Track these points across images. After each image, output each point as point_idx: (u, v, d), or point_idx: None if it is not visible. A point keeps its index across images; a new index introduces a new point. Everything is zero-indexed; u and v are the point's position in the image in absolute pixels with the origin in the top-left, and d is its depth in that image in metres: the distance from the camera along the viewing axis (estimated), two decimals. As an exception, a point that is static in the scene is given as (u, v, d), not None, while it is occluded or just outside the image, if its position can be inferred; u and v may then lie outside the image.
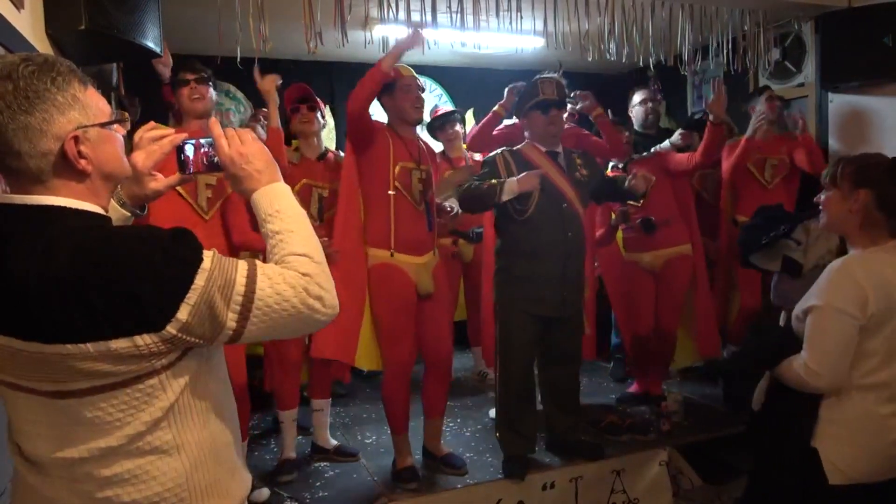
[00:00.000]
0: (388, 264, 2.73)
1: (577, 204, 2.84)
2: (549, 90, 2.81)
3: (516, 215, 2.75)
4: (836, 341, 1.72)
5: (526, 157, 2.84)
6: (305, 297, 1.06)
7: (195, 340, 1.02)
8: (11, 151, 0.99)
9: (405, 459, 2.84)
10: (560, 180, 2.81)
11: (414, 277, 2.75)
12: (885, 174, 1.75)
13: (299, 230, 1.13)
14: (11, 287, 0.96)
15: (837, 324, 1.71)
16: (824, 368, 1.72)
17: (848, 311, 1.69)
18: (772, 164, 3.74)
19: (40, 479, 1.08)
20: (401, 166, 2.75)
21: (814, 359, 1.74)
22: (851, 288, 1.70)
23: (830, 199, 1.84)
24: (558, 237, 2.77)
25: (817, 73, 3.94)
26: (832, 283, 1.74)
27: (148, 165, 1.24)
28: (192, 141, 1.21)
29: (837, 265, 1.76)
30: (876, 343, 1.72)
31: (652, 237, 3.55)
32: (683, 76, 4.55)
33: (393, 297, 2.73)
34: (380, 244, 2.74)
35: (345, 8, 3.04)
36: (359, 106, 2.61)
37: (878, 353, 1.73)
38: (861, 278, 1.70)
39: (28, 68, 0.99)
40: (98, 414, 1.02)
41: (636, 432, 3.21)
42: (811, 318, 1.76)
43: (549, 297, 2.78)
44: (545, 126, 2.82)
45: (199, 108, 2.57)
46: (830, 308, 1.71)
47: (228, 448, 1.17)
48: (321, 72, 5.17)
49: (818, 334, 1.75)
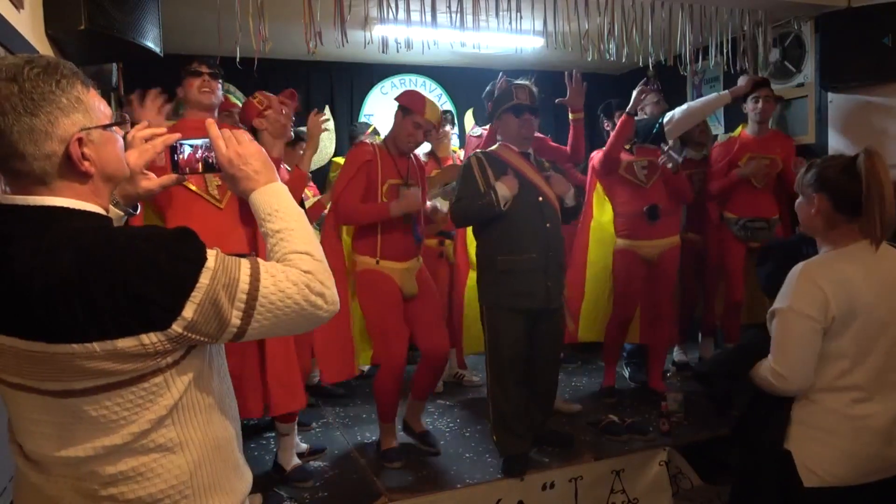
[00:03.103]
0: (374, 270, 2.91)
1: (552, 198, 2.92)
2: (523, 96, 2.93)
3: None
4: (798, 344, 1.74)
5: (499, 157, 2.92)
6: (308, 293, 1.08)
7: (200, 338, 1.03)
8: (16, 153, 1.00)
9: (390, 442, 3.02)
10: (534, 176, 2.91)
11: (398, 281, 2.93)
12: (839, 176, 1.76)
13: (299, 228, 1.15)
14: (15, 287, 0.97)
15: (799, 327, 1.73)
16: (789, 371, 1.74)
17: (809, 315, 1.71)
18: (763, 163, 3.76)
19: (43, 479, 1.08)
20: (389, 184, 2.91)
21: (778, 361, 1.76)
22: (812, 291, 1.71)
23: (799, 205, 1.88)
24: (538, 229, 2.85)
25: (817, 73, 3.94)
26: (794, 287, 1.75)
27: (140, 164, 1.24)
28: (189, 142, 1.21)
29: (799, 269, 1.77)
30: (843, 344, 1.73)
31: (653, 226, 3.57)
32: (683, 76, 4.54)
33: (380, 299, 2.90)
34: (367, 252, 2.93)
35: (345, 8, 3.04)
36: (352, 221, 2.94)
37: (847, 355, 1.73)
38: (821, 281, 1.71)
39: (33, 71, 0.99)
40: (103, 412, 1.02)
41: (636, 432, 3.21)
42: (775, 321, 1.78)
43: (534, 289, 2.83)
44: (518, 129, 2.92)
45: (206, 101, 2.59)
46: (792, 311, 1.73)
47: (231, 445, 1.18)
48: (321, 72, 5.17)
49: (782, 337, 1.77)
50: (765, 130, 3.84)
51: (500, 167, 2.85)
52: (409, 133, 2.90)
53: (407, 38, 3.39)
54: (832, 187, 1.76)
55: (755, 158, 3.75)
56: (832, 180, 1.77)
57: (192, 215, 2.44)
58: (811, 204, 1.81)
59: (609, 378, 3.83)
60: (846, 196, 1.73)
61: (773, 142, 3.84)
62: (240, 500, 1.19)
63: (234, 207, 2.59)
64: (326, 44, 3.10)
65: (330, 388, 3.94)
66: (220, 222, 2.55)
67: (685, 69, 3.91)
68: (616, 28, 3.60)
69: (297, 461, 2.89)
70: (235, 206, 2.60)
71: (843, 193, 1.74)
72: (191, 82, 2.58)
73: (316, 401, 3.81)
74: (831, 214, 1.77)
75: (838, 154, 1.85)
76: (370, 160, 2.88)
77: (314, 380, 3.96)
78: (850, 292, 1.70)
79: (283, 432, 2.85)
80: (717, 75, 4.93)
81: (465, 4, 3.33)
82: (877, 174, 1.68)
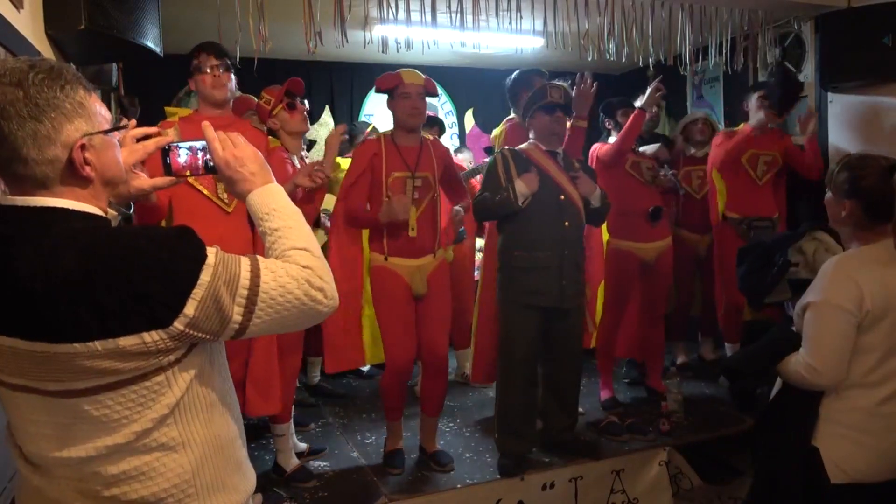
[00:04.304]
0: (384, 267, 2.82)
1: (575, 197, 2.90)
2: (557, 95, 2.92)
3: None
4: (833, 338, 1.72)
5: (525, 154, 2.93)
6: (308, 288, 1.09)
7: (202, 335, 1.03)
8: (19, 157, 1.00)
9: (395, 442, 2.98)
10: (557, 174, 2.90)
11: (407, 279, 2.83)
12: (873, 185, 1.76)
13: (297, 226, 1.16)
14: (16, 288, 0.97)
15: (834, 320, 1.72)
16: (823, 365, 1.73)
17: (844, 308, 1.70)
18: (765, 160, 3.76)
19: (45, 482, 1.09)
20: (394, 177, 2.80)
21: (812, 355, 1.75)
22: (847, 284, 1.71)
23: (828, 200, 1.87)
24: (556, 227, 2.84)
25: (817, 73, 3.94)
26: (829, 280, 1.74)
27: (129, 163, 1.24)
28: (186, 144, 1.22)
29: (834, 262, 1.77)
30: (874, 339, 1.72)
31: (653, 227, 3.56)
32: (683, 76, 4.55)
33: (388, 297, 2.82)
34: (376, 249, 2.85)
35: (344, 8, 3.04)
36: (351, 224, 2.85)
37: (877, 350, 1.73)
38: (857, 275, 1.71)
39: (38, 76, 1.00)
40: (105, 412, 1.03)
41: (636, 432, 3.21)
42: (809, 314, 1.77)
43: (548, 286, 2.82)
44: (549, 126, 2.91)
45: (219, 96, 2.54)
46: (827, 304, 1.72)
47: (233, 443, 1.19)
48: (321, 72, 5.17)
49: (816, 331, 1.75)
50: (766, 129, 3.82)
51: (524, 164, 2.86)
52: (405, 108, 2.78)
53: (407, 38, 3.40)
54: (866, 196, 1.76)
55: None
56: (867, 190, 1.76)
57: (200, 218, 2.39)
58: (841, 206, 1.80)
59: (608, 388, 3.67)
60: (880, 204, 1.74)
61: (774, 139, 3.82)
62: (243, 498, 1.19)
63: (243, 211, 2.55)
64: (326, 44, 3.09)
65: (330, 388, 3.94)
66: (227, 226, 2.53)
67: (685, 69, 3.91)
68: (616, 28, 3.60)
69: (296, 461, 2.88)
70: (244, 210, 2.56)
71: (877, 201, 1.74)
72: (202, 78, 2.52)
73: (316, 401, 3.81)
74: (862, 219, 1.78)
75: (872, 156, 1.83)
76: (376, 153, 2.80)
77: (315, 380, 3.96)
78: (885, 287, 1.70)
79: (276, 433, 2.84)
80: (716, 75, 4.94)
81: (465, 4, 3.33)
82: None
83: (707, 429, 3.29)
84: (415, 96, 2.78)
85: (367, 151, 2.83)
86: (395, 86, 2.78)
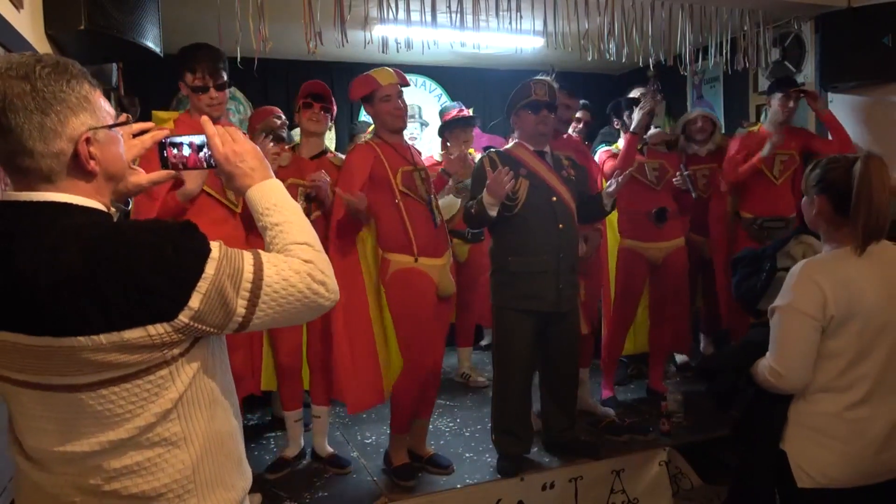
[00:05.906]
0: (413, 269, 2.70)
1: (567, 198, 2.86)
2: (541, 92, 2.84)
3: (505, 211, 2.75)
4: (796, 342, 1.74)
5: (512, 155, 2.86)
6: (310, 281, 1.10)
7: (206, 328, 1.04)
8: (25, 150, 1.01)
9: (402, 458, 2.87)
10: (548, 175, 2.85)
11: (436, 279, 2.76)
12: (839, 177, 1.75)
13: (297, 221, 1.17)
14: (19, 283, 0.97)
15: (798, 325, 1.73)
16: (786, 369, 1.74)
17: (807, 313, 1.71)
18: (781, 159, 3.69)
19: (44, 477, 1.09)
20: (402, 171, 2.74)
21: (776, 359, 1.77)
22: (811, 289, 1.71)
23: (804, 204, 1.88)
24: (550, 230, 2.80)
25: (817, 72, 3.94)
26: (794, 284, 1.75)
27: (127, 159, 1.23)
28: (185, 139, 1.21)
29: (800, 266, 1.77)
30: (840, 344, 1.72)
31: (660, 228, 3.55)
32: (683, 76, 4.55)
33: (416, 301, 2.71)
34: (401, 250, 2.71)
35: (344, 8, 3.04)
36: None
37: (844, 355, 1.73)
38: (821, 280, 1.71)
39: (45, 70, 1.01)
40: (108, 406, 1.03)
41: (636, 432, 3.21)
42: (775, 318, 1.78)
43: (544, 291, 2.79)
44: (535, 125, 2.84)
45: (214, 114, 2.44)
46: (791, 309, 1.73)
47: (233, 440, 1.19)
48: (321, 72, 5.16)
49: (780, 335, 1.77)
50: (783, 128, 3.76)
51: (513, 166, 2.75)
52: (386, 109, 2.72)
53: (407, 38, 3.39)
54: (833, 190, 1.76)
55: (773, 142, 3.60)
56: (833, 183, 1.77)
57: (208, 217, 2.37)
58: (813, 205, 1.81)
59: (608, 388, 3.68)
60: (846, 198, 1.73)
61: (791, 137, 3.73)
62: (240, 496, 1.20)
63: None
64: (326, 44, 3.09)
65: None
66: (235, 225, 2.53)
67: (685, 69, 3.90)
68: (616, 28, 3.59)
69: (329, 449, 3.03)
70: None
71: (843, 196, 1.74)
72: (198, 97, 2.45)
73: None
74: (832, 216, 1.78)
75: (842, 155, 1.84)
76: (376, 155, 2.73)
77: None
78: (850, 292, 1.70)
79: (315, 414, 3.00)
80: (716, 75, 4.94)
81: (465, 4, 3.33)
82: (869, 179, 1.68)
83: (707, 429, 3.29)
84: (395, 96, 2.74)
85: (367, 156, 2.73)
86: (373, 91, 2.73)
